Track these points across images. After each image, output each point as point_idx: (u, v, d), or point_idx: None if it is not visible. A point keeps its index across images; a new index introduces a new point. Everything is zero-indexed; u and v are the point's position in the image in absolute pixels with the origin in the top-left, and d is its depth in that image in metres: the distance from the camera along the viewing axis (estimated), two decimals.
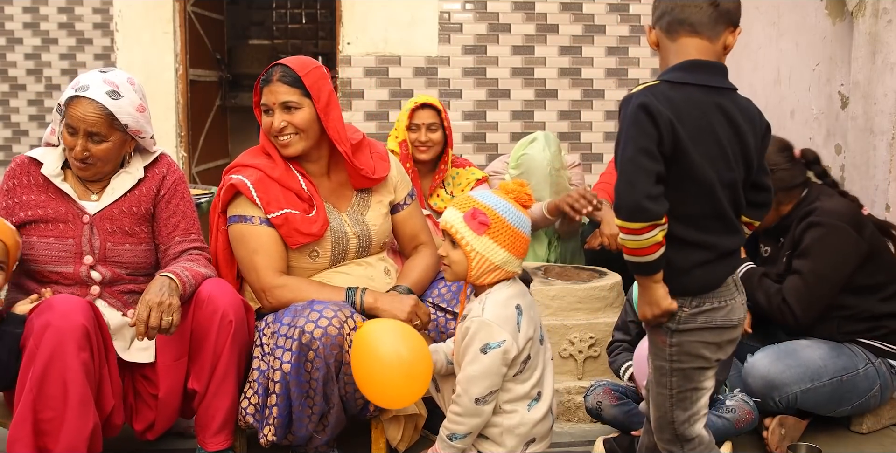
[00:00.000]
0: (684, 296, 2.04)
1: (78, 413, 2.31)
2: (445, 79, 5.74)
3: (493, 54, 5.77)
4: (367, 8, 5.60)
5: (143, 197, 2.75)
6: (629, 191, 1.93)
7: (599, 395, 2.86)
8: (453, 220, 2.34)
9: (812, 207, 2.94)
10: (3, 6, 7.50)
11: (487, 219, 2.30)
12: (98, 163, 2.65)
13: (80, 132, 2.58)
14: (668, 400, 2.10)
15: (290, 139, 2.77)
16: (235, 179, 2.75)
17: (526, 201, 2.38)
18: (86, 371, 2.33)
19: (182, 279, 2.55)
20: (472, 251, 2.31)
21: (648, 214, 1.93)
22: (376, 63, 5.66)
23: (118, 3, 5.71)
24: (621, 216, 1.95)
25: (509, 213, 2.33)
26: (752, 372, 2.88)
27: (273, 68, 2.80)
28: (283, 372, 2.51)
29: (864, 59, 3.62)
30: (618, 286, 3.33)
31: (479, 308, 2.33)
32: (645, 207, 1.92)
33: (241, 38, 8.13)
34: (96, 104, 2.57)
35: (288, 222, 2.71)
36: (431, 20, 5.69)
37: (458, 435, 2.32)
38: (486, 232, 2.30)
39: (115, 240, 2.70)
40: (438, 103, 3.73)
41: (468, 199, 2.36)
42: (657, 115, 1.93)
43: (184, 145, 5.87)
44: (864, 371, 2.91)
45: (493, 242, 2.31)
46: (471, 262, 2.32)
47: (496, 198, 2.35)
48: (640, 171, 1.93)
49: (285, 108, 2.75)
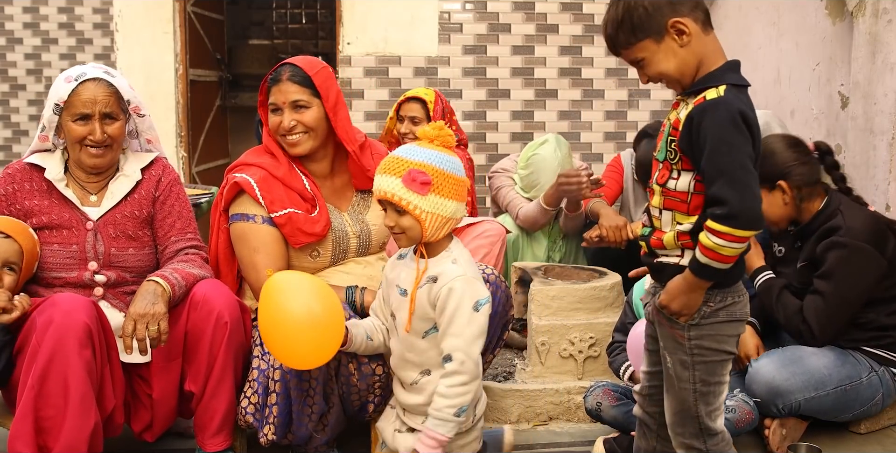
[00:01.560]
0: (712, 291, 2.03)
1: (79, 411, 2.31)
2: (445, 79, 5.74)
3: (493, 54, 5.78)
4: (367, 8, 5.60)
5: (143, 200, 2.76)
6: (750, 198, 1.89)
7: (599, 396, 2.86)
8: (393, 188, 2.18)
9: (834, 224, 2.87)
10: (3, 6, 7.50)
11: (428, 177, 2.18)
12: (114, 146, 2.68)
13: (95, 115, 2.61)
14: (691, 395, 2.09)
15: (300, 138, 2.77)
16: (239, 178, 2.75)
17: (450, 142, 2.26)
18: (87, 369, 2.33)
19: (171, 282, 2.55)
20: (423, 213, 2.19)
21: (762, 222, 1.92)
22: (376, 63, 5.66)
23: (118, 3, 5.71)
24: (736, 224, 1.89)
25: (445, 163, 2.22)
26: (756, 378, 2.86)
27: (282, 67, 2.79)
28: (282, 371, 2.51)
29: (864, 58, 3.61)
30: (618, 286, 3.33)
31: (453, 267, 2.23)
32: (761, 216, 1.90)
33: (241, 38, 8.13)
34: (103, 83, 2.63)
35: (291, 221, 2.71)
36: (431, 20, 5.69)
37: (464, 408, 2.19)
38: (431, 189, 2.19)
39: (119, 245, 2.70)
40: (430, 97, 3.79)
41: (398, 161, 2.21)
42: (753, 124, 1.92)
43: (184, 145, 5.87)
44: (867, 379, 2.89)
45: (440, 197, 2.20)
46: (423, 224, 2.20)
47: (427, 152, 2.22)
48: (754, 179, 1.91)
49: (295, 106, 2.75)
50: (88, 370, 2.33)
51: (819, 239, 2.90)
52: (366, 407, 2.67)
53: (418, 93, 3.86)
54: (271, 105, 2.79)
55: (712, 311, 2.04)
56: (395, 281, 2.33)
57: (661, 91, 5.82)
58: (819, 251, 2.88)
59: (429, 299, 2.23)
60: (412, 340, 2.28)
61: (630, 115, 5.87)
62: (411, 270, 2.28)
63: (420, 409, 2.29)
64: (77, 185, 2.72)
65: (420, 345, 2.27)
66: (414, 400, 2.30)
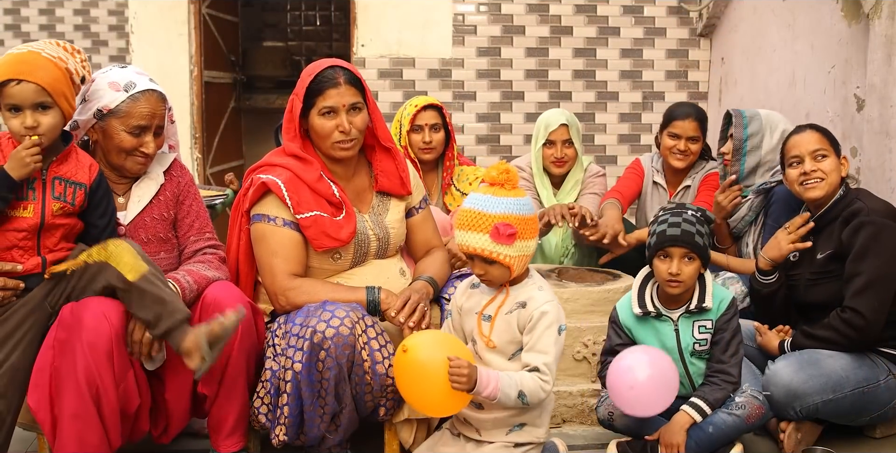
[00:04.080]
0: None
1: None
2: (459, 81, 5.74)
3: (507, 56, 5.78)
4: (381, 10, 5.61)
5: (168, 201, 2.76)
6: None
7: (611, 406, 2.83)
8: (482, 245, 2.32)
9: (856, 208, 2.90)
10: (20, 8, 7.53)
11: (514, 228, 2.30)
12: (154, 154, 2.71)
13: (151, 128, 2.64)
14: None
15: (353, 142, 2.77)
16: (266, 178, 2.73)
17: (516, 181, 2.37)
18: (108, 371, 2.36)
19: (182, 285, 2.56)
20: (512, 259, 2.33)
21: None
22: (390, 65, 5.67)
23: (133, 6, 5.74)
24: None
25: (523, 208, 2.35)
26: (773, 381, 2.83)
27: (332, 70, 2.74)
28: (294, 371, 2.52)
29: (880, 61, 3.59)
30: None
31: (541, 293, 2.40)
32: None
33: (255, 40, 8.13)
34: (158, 95, 2.67)
35: (317, 224, 2.71)
36: (445, 22, 5.69)
37: (526, 399, 2.34)
38: (517, 237, 2.32)
39: (151, 249, 2.70)
40: (439, 102, 3.77)
41: (480, 216, 2.32)
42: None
43: (198, 147, 5.89)
44: (885, 382, 2.87)
45: (524, 241, 2.34)
46: (512, 268, 2.36)
47: (505, 201, 2.33)
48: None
49: (353, 109, 2.74)
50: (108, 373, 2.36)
51: (843, 224, 2.91)
52: (378, 408, 2.67)
53: (429, 100, 3.77)
54: (326, 108, 2.72)
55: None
56: (475, 308, 2.48)
57: (676, 93, 5.81)
58: (846, 236, 2.88)
59: (518, 323, 2.40)
60: (498, 362, 2.45)
61: (644, 118, 5.87)
62: (492, 297, 2.46)
63: (501, 423, 2.47)
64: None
65: (505, 367, 2.44)
66: (492, 416, 2.45)
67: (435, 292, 2.83)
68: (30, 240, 2.44)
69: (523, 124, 5.79)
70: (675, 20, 5.84)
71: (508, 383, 2.32)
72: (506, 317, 2.42)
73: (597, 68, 5.83)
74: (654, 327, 2.77)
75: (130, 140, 2.63)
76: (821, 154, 2.99)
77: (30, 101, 2.38)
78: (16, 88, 2.37)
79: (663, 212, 2.77)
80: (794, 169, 3.03)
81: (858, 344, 2.86)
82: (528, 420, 2.49)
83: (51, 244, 2.47)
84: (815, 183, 2.98)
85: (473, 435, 2.52)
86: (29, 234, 2.43)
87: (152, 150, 2.66)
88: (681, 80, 5.89)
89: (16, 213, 2.41)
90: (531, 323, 2.37)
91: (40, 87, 2.38)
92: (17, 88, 2.37)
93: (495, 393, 2.31)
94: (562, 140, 4.02)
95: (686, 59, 5.87)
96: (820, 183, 2.97)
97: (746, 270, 3.41)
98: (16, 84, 2.37)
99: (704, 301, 2.71)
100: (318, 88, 2.72)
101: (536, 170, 4.12)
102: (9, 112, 2.40)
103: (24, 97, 2.37)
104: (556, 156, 4.03)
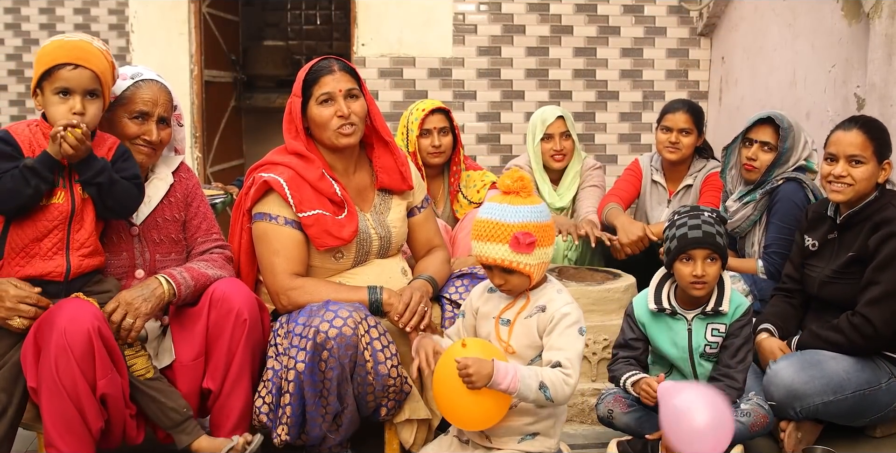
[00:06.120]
0: None
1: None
2: (460, 80, 5.74)
3: (507, 55, 5.77)
4: (381, 9, 5.61)
5: (178, 203, 2.77)
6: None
7: (610, 403, 2.84)
8: (502, 255, 2.28)
9: (889, 215, 2.86)
10: (20, 8, 7.53)
11: (533, 237, 2.28)
12: (159, 150, 2.71)
13: (153, 116, 2.64)
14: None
15: (354, 128, 2.78)
16: (268, 177, 2.74)
17: (529, 188, 2.35)
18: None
19: (178, 281, 2.56)
20: (531, 267, 2.31)
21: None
22: (391, 64, 5.67)
23: (134, 5, 5.74)
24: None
25: (540, 215, 2.32)
26: (774, 381, 2.83)
27: (326, 61, 2.79)
28: (296, 371, 2.52)
29: (881, 60, 3.59)
30: (632, 288, 3.32)
31: (561, 295, 2.38)
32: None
33: (255, 40, 8.12)
34: (162, 86, 2.67)
35: (319, 223, 2.71)
36: (446, 21, 5.69)
37: (548, 393, 2.27)
38: (536, 245, 2.29)
39: (163, 250, 2.71)
40: (445, 105, 3.74)
41: (498, 226, 2.29)
42: None
43: (198, 146, 5.89)
44: (886, 385, 2.88)
45: (543, 248, 2.32)
46: (532, 276, 2.34)
47: (521, 209, 2.30)
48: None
49: (349, 95, 2.76)
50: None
51: (872, 230, 2.88)
52: (380, 409, 2.67)
53: (435, 103, 3.72)
54: (324, 95, 2.75)
55: None
56: (493, 313, 2.43)
57: (676, 93, 5.81)
58: (873, 243, 2.85)
59: (538, 326, 2.36)
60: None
61: (644, 117, 5.86)
62: (511, 302, 2.42)
63: (513, 430, 2.42)
64: None
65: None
66: (506, 423, 2.40)
67: (434, 291, 2.84)
68: (61, 230, 2.45)
69: (523, 123, 5.77)
70: (676, 19, 5.84)
71: (528, 374, 2.26)
72: (525, 321, 2.38)
73: (597, 67, 5.83)
74: (668, 325, 2.77)
75: (133, 127, 2.64)
76: (856, 160, 2.89)
77: (83, 87, 2.42)
78: (73, 72, 2.41)
79: (679, 215, 2.75)
80: (828, 165, 2.96)
81: (863, 350, 2.87)
82: (541, 429, 2.44)
83: (81, 238, 2.47)
84: (840, 188, 2.91)
85: (483, 441, 2.47)
86: (60, 224, 2.44)
87: (155, 137, 2.65)
88: (681, 80, 5.88)
89: (49, 201, 2.43)
90: (552, 324, 2.33)
91: (95, 75, 2.43)
92: (74, 73, 2.41)
93: (515, 384, 2.24)
94: (559, 132, 4.07)
95: (686, 58, 5.86)
96: (845, 188, 2.90)
97: (747, 270, 3.41)
98: (72, 68, 2.41)
99: (721, 304, 2.71)
100: (314, 78, 2.77)
101: (536, 166, 4.13)
102: (56, 95, 2.42)
103: (79, 82, 2.41)
104: (555, 148, 4.07)
